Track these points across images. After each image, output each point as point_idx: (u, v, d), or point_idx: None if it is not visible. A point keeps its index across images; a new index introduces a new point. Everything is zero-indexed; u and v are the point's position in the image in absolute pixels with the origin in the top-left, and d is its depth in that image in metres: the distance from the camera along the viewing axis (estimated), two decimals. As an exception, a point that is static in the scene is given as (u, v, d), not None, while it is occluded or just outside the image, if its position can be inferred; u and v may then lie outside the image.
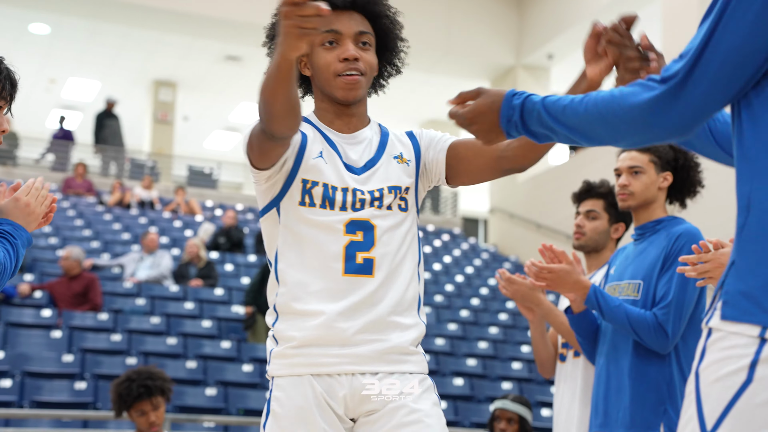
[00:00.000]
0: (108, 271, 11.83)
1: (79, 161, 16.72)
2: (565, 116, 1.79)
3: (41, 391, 8.17)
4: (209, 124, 24.15)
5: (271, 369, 2.46)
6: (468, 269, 15.69)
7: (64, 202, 15.30)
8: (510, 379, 10.37)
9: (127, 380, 4.84)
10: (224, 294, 11.77)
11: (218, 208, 17.02)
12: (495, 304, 13.58)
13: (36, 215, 2.47)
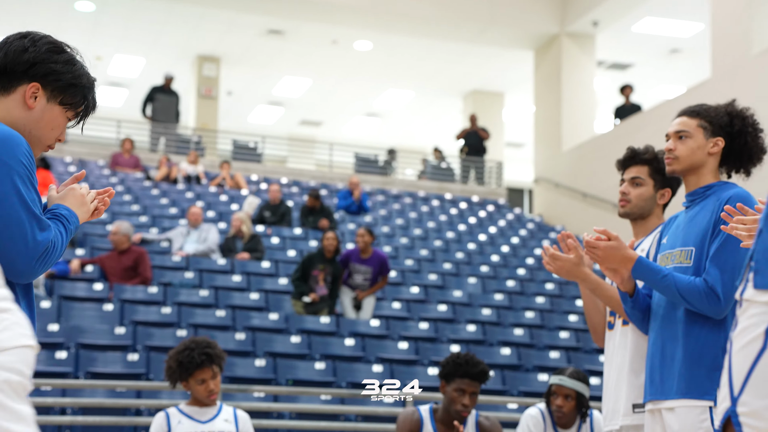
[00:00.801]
0: (156, 246, 12.01)
1: (126, 137, 16.92)
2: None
3: (95, 363, 8.36)
4: (253, 98, 24.27)
5: None
6: (513, 240, 15.68)
7: (112, 178, 15.53)
8: (557, 349, 10.39)
9: (188, 349, 4.89)
10: (271, 266, 11.91)
11: (263, 182, 17.16)
12: (541, 274, 13.57)
13: (88, 207, 2.59)
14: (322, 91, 23.48)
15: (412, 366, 9.43)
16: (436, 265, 13.36)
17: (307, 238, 13.59)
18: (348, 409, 8.21)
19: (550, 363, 9.84)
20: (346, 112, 25.23)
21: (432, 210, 17.15)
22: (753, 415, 1.56)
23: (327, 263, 10.62)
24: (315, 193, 14.34)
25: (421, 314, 11.06)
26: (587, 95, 18.70)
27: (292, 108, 24.95)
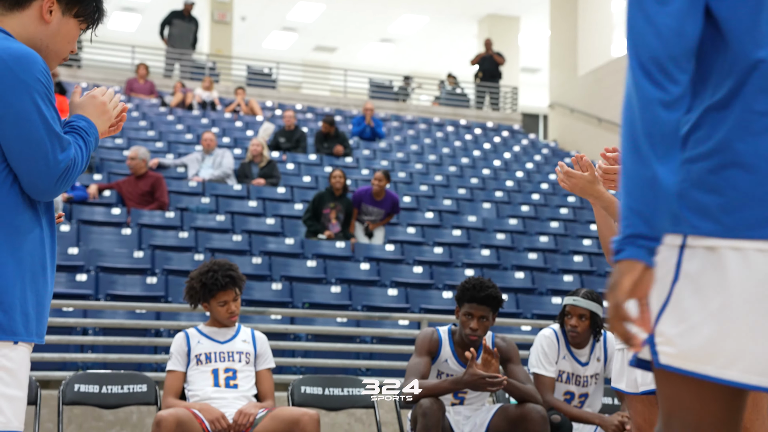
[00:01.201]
0: (173, 171, 12.06)
1: (141, 62, 16.86)
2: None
3: (115, 286, 8.48)
4: (267, 24, 24.08)
5: None
6: (528, 165, 15.67)
7: (128, 104, 15.51)
8: (571, 272, 10.47)
9: (211, 271, 4.95)
10: (286, 192, 11.96)
11: (278, 108, 17.12)
12: (555, 199, 13.59)
13: (109, 115, 2.55)
14: (336, 17, 23.27)
15: (427, 290, 9.53)
16: (450, 190, 13.39)
17: (321, 164, 13.61)
18: (363, 331, 8.33)
19: (564, 286, 9.92)
20: (360, 37, 25.03)
21: (447, 136, 17.12)
22: (667, 343, 1.69)
23: (337, 201, 10.67)
24: (330, 119, 14.31)
25: (436, 239, 11.13)
26: (604, 18, 18.47)
27: (306, 34, 24.76)
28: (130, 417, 6.53)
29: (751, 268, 1.66)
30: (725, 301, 1.66)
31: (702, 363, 1.66)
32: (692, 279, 1.69)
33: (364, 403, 5.51)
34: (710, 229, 1.69)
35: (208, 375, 4.88)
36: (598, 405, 5.30)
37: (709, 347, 1.66)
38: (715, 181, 1.70)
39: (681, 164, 1.72)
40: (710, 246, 1.68)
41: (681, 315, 1.69)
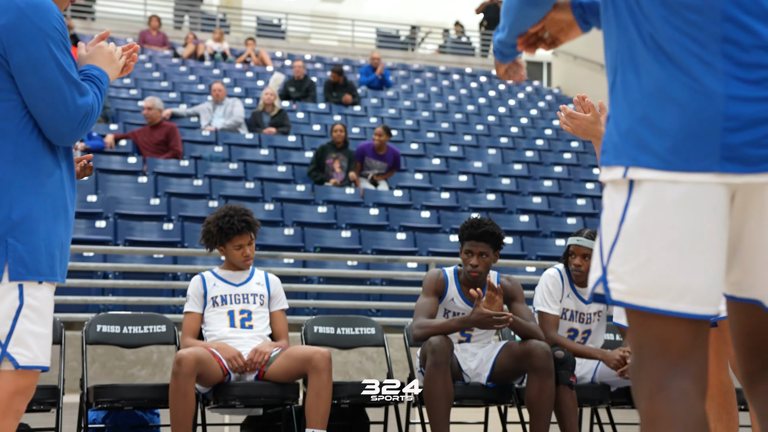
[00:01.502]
0: (186, 121, 12.05)
1: (153, 14, 16.74)
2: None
3: (133, 232, 8.52)
4: (276, -25, 23.83)
5: None
6: (532, 111, 15.60)
7: (142, 56, 15.45)
8: (574, 215, 10.48)
9: (227, 215, 4.96)
10: (297, 140, 11.95)
11: (287, 59, 17.03)
12: (559, 144, 13.55)
13: (117, 65, 2.55)
14: (343, -33, 23.00)
15: (434, 233, 9.56)
16: (456, 137, 13.36)
17: (331, 113, 13.57)
18: (373, 273, 8.37)
19: (568, 228, 9.93)
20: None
21: (452, 84, 17.03)
22: (618, 280, 1.74)
23: (339, 151, 10.68)
24: (338, 69, 14.24)
25: (443, 184, 11.13)
26: (607, -33, 18.22)
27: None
28: (151, 356, 6.61)
29: (690, 203, 1.69)
30: (669, 238, 1.69)
31: (651, 298, 1.71)
32: (637, 218, 1.72)
33: (375, 342, 5.55)
34: (651, 162, 1.71)
35: (224, 316, 4.92)
36: (600, 341, 5.34)
37: (657, 282, 1.70)
38: (653, 118, 1.73)
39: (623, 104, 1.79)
40: (652, 181, 1.71)
41: (629, 253, 1.72)
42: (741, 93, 1.69)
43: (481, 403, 5.20)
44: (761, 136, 1.68)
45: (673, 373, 1.72)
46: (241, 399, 4.77)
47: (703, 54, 1.71)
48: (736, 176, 1.70)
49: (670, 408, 1.69)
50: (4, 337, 2.16)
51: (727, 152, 1.68)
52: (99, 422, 5.08)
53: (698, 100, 1.70)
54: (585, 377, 5.26)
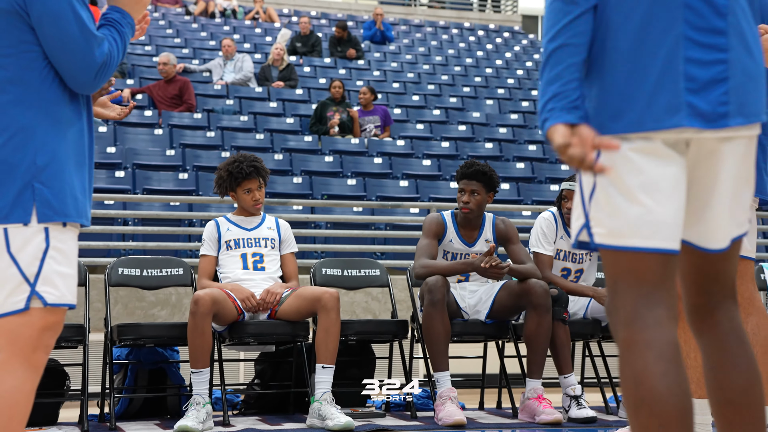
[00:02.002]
0: (198, 76, 11.99)
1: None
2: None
3: (150, 181, 8.53)
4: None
5: None
6: (528, 63, 15.48)
7: (155, 14, 15.32)
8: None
9: (237, 161, 4.97)
10: (303, 93, 11.89)
11: (293, 15, 16.87)
12: (553, 95, 13.46)
13: (144, 2, 2.49)
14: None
15: (435, 181, 9.55)
16: (456, 89, 13.28)
17: (336, 66, 13.48)
18: (377, 218, 8.39)
19: (561, 174, 9.92)
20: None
21: (451, 38, 16.88)
22: (598, 225, 1.83)
23: (338, 105, 10.64)
24: (342, 25, 14.13)
25: (443, 134, 11.10)
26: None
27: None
28: (170, 297, 6.66)
29: (657, 155, 1.81)
30: (640, 184, 1.80)
31: (628, 237, 1.81)
32: (612, 166, 1.80)
33: (380, 283, 5.59)
34: (623, 128, 1.82)
35: (238, 259, 4.95)
36: (592, 279, 5.38)
37: (633, 223, 1.80)
38: (622, 86, 1.83)
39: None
40: (623, 138, 1.81)
41: (605, 200, 1.83)
42: (698, 56, 1.80)
43: (481, 338, 5.25)
44: (718, 95, 1.80)
45: (647, 302, 1.80)
46: (254, 336, 4.82)
47: (667, 18, 1.81)
48: (696, 131, 1.81)
49: (646, 334, 1.76)
50: (33, 276, 2.18)
51: (690, 110, 1.80)
52: (123, 358, 5.14)
53: (662, 65, 1.81)
54: (577, 313, 5.30)
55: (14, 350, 2.18)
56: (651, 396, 1.70)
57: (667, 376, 1.70)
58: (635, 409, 1.71)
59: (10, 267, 2.18)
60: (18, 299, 2.17)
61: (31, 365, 2.20)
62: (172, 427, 4.44)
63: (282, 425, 4.66)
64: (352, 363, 5.36)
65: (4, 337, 2.19)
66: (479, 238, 5.09)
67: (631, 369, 1.73)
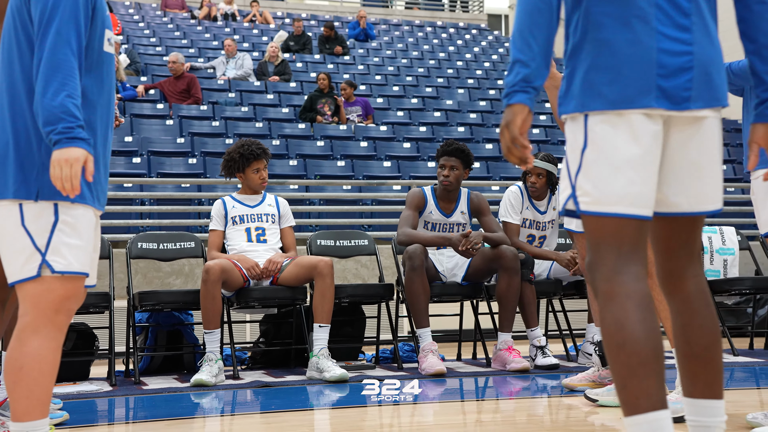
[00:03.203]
0: (204, 72, 11.87)
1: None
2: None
3: (163, 166, 8.46)
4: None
5: None
6: (494, 57, 15.42)
7: (164, 18, 15.15)
8: (531, 142, 10.36)
9: (245, 145, 4.94)
10: (297, 86, 11.80)
11: (286, 18, 16.71)
12: (516, 84, 13.41)
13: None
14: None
15: (415, 161, 9.52)
16: (431, 80, 13.21)
17: (324, 62, 13.38)
18: (364, 195, 8.37)
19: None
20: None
21: (426, 35, 16.78)
22: (585, 194, 1.83)
23: (326, 96, 10.56)
24: (330, 25, 14.02)
25: (420, 120, 11.05)
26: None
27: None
28: (183, 268, 6.63)
29: (635, 132, 1.82)
30: (621, 158, 1.82)
31: (612, 205, 1.82)
32: (596, 144, 1.83)
33: (368, 252, 5.57)
34: (603, 105, 1.83)
35: (242, 233, 4.93)
36: (553, 244, 5.39)
37: (616, 192, 1.82)
38: (604, 71, 1.85)
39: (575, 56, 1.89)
40: (605, 115, 1.83)
41: (591, 172, 1.83)
42: (668, 47, 1.83)
43: (457, 298, 5.26)
44: (684, 81, 1.83)
45: (627, 260, 1.82)
46: (259, 301, 4.82)
47: (642, 16, 1.84)
48: (666, 111, 1.84)
49: (626, 287, 1.80)
50: (44, 247, 2.17)
51: (660, 93, 1.82)
52: (144, 321, 5.12)
53: (638, 54, 1.83)
54: (541, 275, 5.32)
55: (38, 313, 2.18)
56: (632, 338, 1.74)
57: (644, 322, 1.75)
58: (617, 349, 1.75)
59: (24, 238, 2.17)
60: (31, 267, 2.17)
61: (54, 326, 2.19)
62: (189, 380, 4.43)
63: (285, 377, 4.66)
64: (345, 322, 5.36)
65: (29, 302, 2.19)
66: (456, 209, 5.08)
67: (613, 316, 1.77)
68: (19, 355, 2.15)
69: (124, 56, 11.32)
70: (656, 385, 1.73)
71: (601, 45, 1.84)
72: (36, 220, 2.18)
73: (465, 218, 5.08)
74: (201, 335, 4.84)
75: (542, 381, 4.51)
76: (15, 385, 2.14)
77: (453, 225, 5.05)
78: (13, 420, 2.15)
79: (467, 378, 4.65)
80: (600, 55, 1.84)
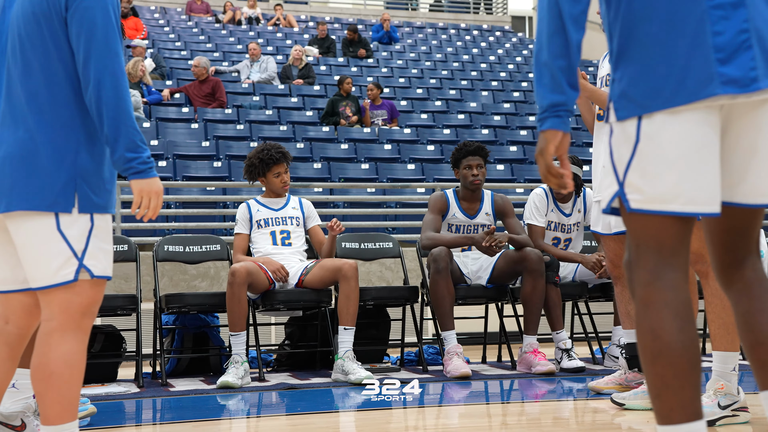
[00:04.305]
0: (228, 76, 11.96)
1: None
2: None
3: (188, 169, 8.54)
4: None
5: None
6: (518, 59, 15.39)
7: (189, 22, 15.28)
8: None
9: (265, 149, 4.97)
10: (320, 89, 11.85)
11: (310, 21, 16.79)
12: (541, 86, 13.37)
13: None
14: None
15: (439, 164, 9.53)
16: (455, 82, 13.22)
17: (348, 65, 13.42)
18: (388, 198, 8.39)
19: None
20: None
21: (450, 37, 16.77)
22: (636, 191, 1.75)
23: (348, 99, 10.59)
24: (353, 28, 14.06)
25: (444, 122, 11.05)
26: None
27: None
28: (209, 270, 6.68)
29: (693, 125, 1.73)
30: (677, 153, 1.73)
31: (667, 203, 1.74)
32: (650, 139, 1.74)
33: (393, 254, 5.59)
34: (661, 105, 1.74)
35: (267, 236, 4.96)
36: (579, 247, 5.37)
37: (671, 190, 1.73)
38: (658, 68, 1.76)
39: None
40: (662, 113, 1.74)
41: (645, 168, 1.75)
42: (722, 29, 1.73)
43: (482, 301, 5.26)
44: (746, 60, 1.72)
45: (666, 265, 1.76)
46: (284, 303, 4.84)
47: (690, 3, 1.75)
48: (731, 97, 1.73)
49: (664, 294, 1.74)
50: (81, 252, 2.19)
51: (721, 78, 1.72)
52: (170, 324, 5.17)
53: (690, 42, 1.73)
54: (567, 277, 5.30)
55: (66, 318, 2.19)
56: (668, 349, 1.69)
57: (682, 332, 1.70)
58: (652, 359, 1.71)
59: (60, 243, 2.18)
60: (67, 272, 2.18)
61: (81, 329, 2.22)
62: (215, 382, 4.47)
63: (310, 380, 4.69)
64: (370, 325, 5.37)
65: (57, 306, 2.19)
66: (480, 211, 5.08)
67: (650, 324, 1.72)
68: (48, 360, 2.17)
69: (150, 60, 11.44)
70: (692, 396, 1.69)
71: (650, 39, 1.76)
72: (72, 226, 2.20)
73: (489, 219, 5.08)
74: (227, 337, 4.88)
75: (568, 384, 4.50)
76: (47, 391, 2.16)
77: (477, 226, 5.05)
78: (44, 424, 2.18)
79: (492, 381, 4.65)
80: (650, 50, 1.76)
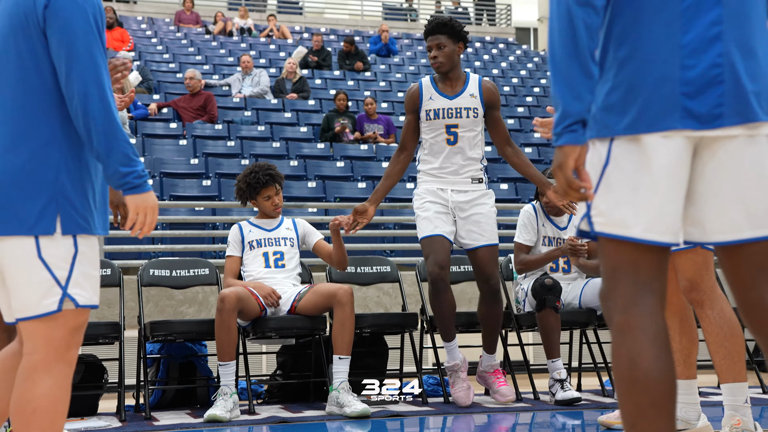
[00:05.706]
0: (219, 90, 11.99)
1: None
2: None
3: (176, 188, 8.52)
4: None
5: None
6: (522, 72, 15.44)
7: (178, 33, 15.32)
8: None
9: (253, 172, 4.96)
10: (315, 104, 11.87)
11: (305, 32, 16.85)
12: (546, 101, 13.43)
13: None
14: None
15: (439, 182, 9.51)
16: (456, 97, 13.22)
17: (345, 78, 13.46)
18: (387, 218, 8.38)
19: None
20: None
21: (451, 50, 16.80)
22: (600, 215, 1.82)
23: (343, 116, 10.63)
24: (350, 40, 14.11)
25: (445, 139, 11.04)
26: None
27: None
28: (197, 296, 6.65)
29: (659, 154, 1.80)
30: (642, 180, 1.80)
31: (628, 228, 1.81)
32: (617, 164, 1.82)
33: (391, 279, 5.57)
34: (627, 129, 1.81)
35: (260, 258, 4.94)
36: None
37: (633, 216, 1.80)
38: (627, 92, 1.83)
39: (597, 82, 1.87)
40: (628, 138, 1.82)
41: (609, 193, 1.82)
42: (693, 62, 1.80)
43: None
44: (713, 97, 1.79)
45: (643, 291, 1.81)
46: (276, 331, 4.82)
47: (664, 31, 1.81)
48: (693, 132, 1.80)
49: (641, 320, 1.79)
50: (64, 280, 2.15)
51: (685, 113, 1.80)
52: (155, 353, 5.13)
53: (660, 71, 1.81)
54: (572, 303, 5.27)
55: (49, 350, 2.16)
56: (644, 377, 1.74)
57: (659, 360, 1.74)
58: (628, 387, 1.75)
59: (41, 271, 2.13)
60: (50, 301, 2.13)
61: (66, 362, 2.18)
62: (202, 415, 4.43)
63: (303, 413, 4.65)
64: (366, 354, 5.34)
65: (41, 339, 2.16)
66: (464, 91, 4.74)
67: (627, 351, 1.77)
68: (31, 396, 2.13)
69: (136, 73, 11.45)
70: (667, 426, 1.74)
71: (621, 62, 1.83)
72: (54, 252, 2.14)
73: (476, 102, 4.71)
74: (215, 367, 4.85)
75: (562, 418, 4.46)
76: (28, 428, 2.14)
77: (460, 109, 4.72)
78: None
79: (495, 414, 4.62)
80: (621, 73, 1.84)
